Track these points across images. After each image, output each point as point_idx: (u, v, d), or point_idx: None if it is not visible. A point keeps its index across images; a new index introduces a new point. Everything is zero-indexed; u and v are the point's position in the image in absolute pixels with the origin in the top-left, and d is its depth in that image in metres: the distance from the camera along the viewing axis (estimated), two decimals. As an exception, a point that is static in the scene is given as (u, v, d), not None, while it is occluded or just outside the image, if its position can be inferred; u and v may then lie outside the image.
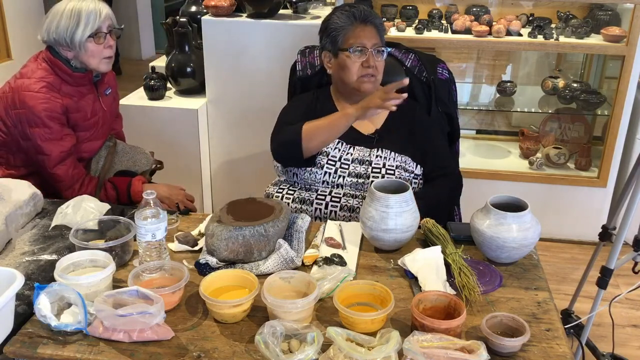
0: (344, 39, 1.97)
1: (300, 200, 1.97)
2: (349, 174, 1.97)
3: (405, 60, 2.23)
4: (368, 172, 1.96)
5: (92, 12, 1.99)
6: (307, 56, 2.29)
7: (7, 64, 4.14)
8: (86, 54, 2.02)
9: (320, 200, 1.96)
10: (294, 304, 1.32)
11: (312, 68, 2.27)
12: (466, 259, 1.58)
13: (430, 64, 2.22)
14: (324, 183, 1.98)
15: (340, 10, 2.02)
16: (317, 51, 2.29)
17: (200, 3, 3.41)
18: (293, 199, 1.98)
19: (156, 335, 1.31)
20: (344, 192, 1.96)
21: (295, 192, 2.00)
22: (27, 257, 1.59)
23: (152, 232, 1.49)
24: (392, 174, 1.96)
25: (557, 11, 3.23)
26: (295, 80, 2.30)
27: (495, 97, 3.46)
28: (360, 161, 1.99)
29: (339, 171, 1.97)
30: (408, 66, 2.21)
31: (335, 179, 1.97)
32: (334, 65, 2.03)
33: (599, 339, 2.43)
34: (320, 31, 2.07)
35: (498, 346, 1.27)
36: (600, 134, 3.36)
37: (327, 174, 1.97)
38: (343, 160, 1.99)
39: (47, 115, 1.98)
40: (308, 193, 1.98)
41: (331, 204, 1.94)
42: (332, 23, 2.00)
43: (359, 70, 1.97)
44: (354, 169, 1.98)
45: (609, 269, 2.09)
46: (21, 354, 1.30)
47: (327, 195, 1.96)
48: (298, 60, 2.29)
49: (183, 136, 3.13)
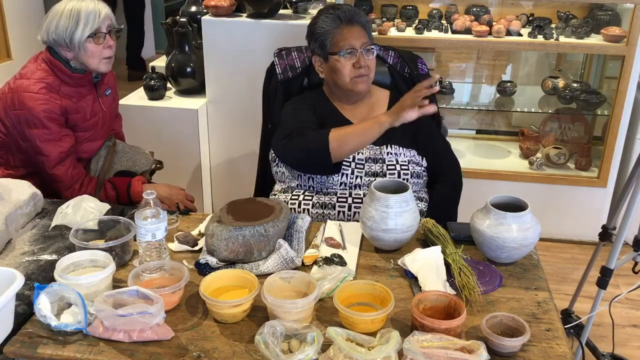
0: (332, 42, 1.96)
1: (322, 205, 1.94)
2: (365, 174, 1.96)
3: (387, 57, 2.23)
4: (384, 170, 1.96)
5: (91, 12, 1.99)
6: (284, 58, 2.23)
7: (7, 64, 4.14)
8: (85, 55, 2.02)
9: (342, 202, 1.93)
10: (294, 304, 1.32)
11: (292, 70, 2.22)
12: (466, 259, 1.58)
13: (411, 59, 2.23)
14: (342, 185, 1.96)
15: (325, 13, 1.99)
16: (294, 52, 2.24)
17: (200, 3, 3.41)
18: (313, 205, 1.95)
19: (156, 335, 1.31)
20: (364, 193, 1.94)
21: (313, 196, 1.96)
22: (27, 257, 1.59)
23: (152, 232, 1.49)
24: (407, 168, 1.97)
25: (557, 11, 3.23)
26: (276, 85, 2.23)
27: (495, 97, 3.46)
28: (373, 159, 1.98)
29: (356, 171, 1.96)
30: (390, 63, 2.22)
31: (353, 179, 1.95)
32: (326, 69, 2.02)
33: (599, 339, 2.43)
34: (307, 36, 2.04)
35: (498, 346, 1.27)
36: (600, 134, 3.36)
37: (345, 175, 1.95)
38: (357, 160, 1.97)
39: (45, 116, 1.98)
40: (328, 197, 1.95)
41: (354, 206, 1.92)
42: (319, 27, 1.98)
43: (351, 72, 1.96)
44: (369, 167, 1.97)
45: (609, 269, 2.09)
46: (21, 354, 1.30)
47: (348, 197, 1.94)
48: (276, 63, 2.23)
49: (183, 136, 3.13)
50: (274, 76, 2.24)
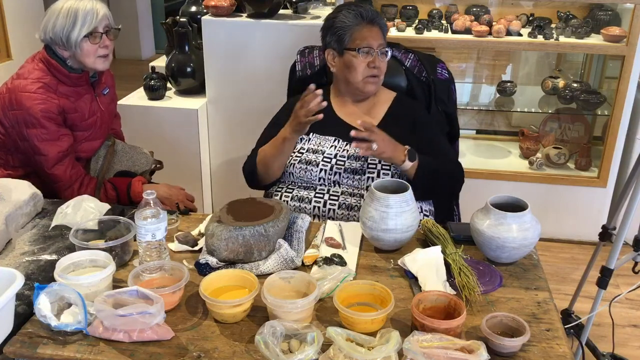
0: (350, 38, 1.97)
1: (299, 198, 1.97)
2: (344, 170, 1.97)
3: (405, 60, 2.23)
4: (364, 168, 1.96)
5: (89, 12, 1.99)
6: (306, 56, 2.29)
7: (7, 63, 4.14)
8: (82, 54, 2.02)
9: (319, 198, 1.95)
10: (294, 304, 1.32)
11: (311, 68, 2.27)
12: (466, 259, 1.58)
13: (430, 64, 2.22)
14: (321, 180, 1.98)
15: (346, 8, 2.01)
16: (316, 51, 2.29)
17: (200, 3, 3.41)
18: (292, 197, 1.98)
19: (156, 335, 1.31)
20: (342, 191, 1.96)
21: (294, 190, 2.00)
22: (27, 257, 1.59)
23: (152, 232, 1.49)
24: (388, 168, 1.95)
25: (557, 11, 3.23)
26: (294, 81, 2.31)
27: (495, 97, 3.46)
28: (356, 157, 1.98)
29: (335, 168, 1.97)
30: (408, 66, 2.22)
31: (332, 175, 1.96)
32: (339, 63, 2.02)
33: (599, 339, 2.43)
34: (323, 29, 2.05)
35: (498, 346, 1.27)
36: (600, 134, 3.36)
37: (323, 171, 1.97)
38: (339, 157, 1.99)
39: (43, 115, 1.98)
40: (306, 191, 1.98)
41: (329, 202, 1.94)
42: (339, 21, 1.99)
43: (364, 71, 1.97)
44: (350, 165, 1.97)
45: (609, 269, 2.09)
46: (21, 354, 1.30)
47: (326, 193, 1.96)
48: (298, 60, 2.30)
49: (183, 136, 3.13)
50: (294, 73, 2.31)
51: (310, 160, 1.99)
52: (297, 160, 1.99)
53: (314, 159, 1.99)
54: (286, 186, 2.03)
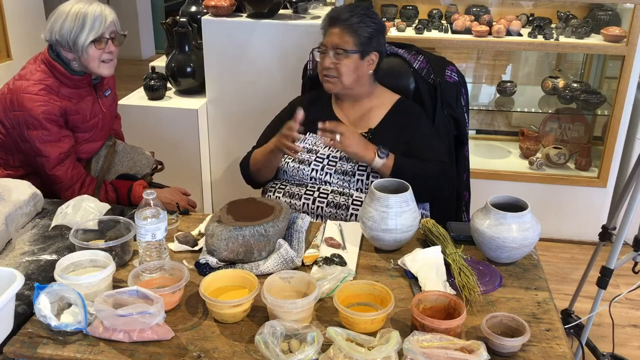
0: (320, 40, 2.05)
1: (290, 194, 2.00)
2: (335, 171, 1.99)
3: (414, 62, 2.23)
4: (354, 170, 1.98)
5: (97, 17, 1.98)
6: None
7: (7, 64, 4.14)
8: (87, 58, 2.02)
9: (309, 195, 1.98)
10: (294, 304, 1.32)
11: None
12: (466, 259, 1.58)
13: (439, 66, 2.21)
14: (312, 179, 2.01)
15: (329, 11, 2.07)
16: None
17: (200, 3, 3.41)
18: (283, 193, 2.01)
19: (156, 335, 1.31)
20: (332, 189, 1.98)
21: (286, 186, 2.03)
22: (27, 257, 1.59)
23: (152, 232, 1.49)
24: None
25: (557, 11, 3.23)
26: (305, 80, 2.35)
27: (495, 97, 3.46)
28: (347, 158, 2.00)
29: (326, 168, 2.00)
30: (416, 68, 2.21)
31: (322, 175, 2.00)
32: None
33: (599, 339, 2.43)
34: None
35: (498, 346, 1.27)
36: (600, 134, 3.36)
37: (314, 170, 2.00)
38: (331, 157, 2.02)
39: (45, 117, 1.98)
40: (298, 188, 2.01)
41: (318, 200, 1.97)
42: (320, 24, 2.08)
43: (322, 70, 2.04)
44: (341, 166, 2.00)
45: (609, 269, 2.09)
46: (21, 354, 1.30)
47: (316, 191, 1.99)
48: (310, 59, 2.33)
49: (183, 136, 3.13)
50: (306, 72, 2.36)
51: (303, 159, 2.02)
52: (291, 159, 2.03)
53: (307, 159, 2.02)
54: (280, 182, 2.07)
